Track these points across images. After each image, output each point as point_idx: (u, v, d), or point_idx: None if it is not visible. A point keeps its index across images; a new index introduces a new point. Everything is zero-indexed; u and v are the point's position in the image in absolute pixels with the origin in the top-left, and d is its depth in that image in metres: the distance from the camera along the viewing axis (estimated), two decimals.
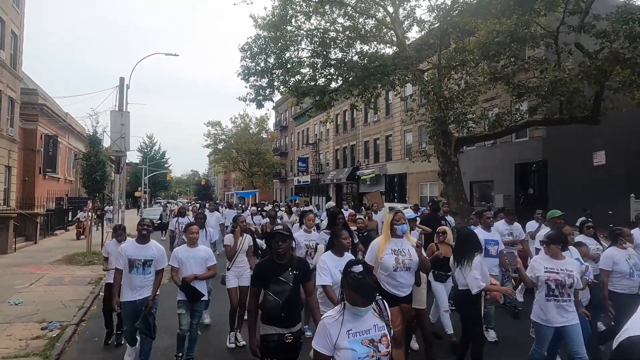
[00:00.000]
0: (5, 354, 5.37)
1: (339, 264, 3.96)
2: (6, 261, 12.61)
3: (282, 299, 3.30)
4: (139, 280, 4.81)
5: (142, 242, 4.94)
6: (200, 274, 5.07)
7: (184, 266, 5.02)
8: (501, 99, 17.32)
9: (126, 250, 4.90)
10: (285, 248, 3.44)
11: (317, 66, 16.02)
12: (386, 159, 28.63)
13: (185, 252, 5.08)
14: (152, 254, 4.91)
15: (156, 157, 64.59)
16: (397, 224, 4.21)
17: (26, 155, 22.59)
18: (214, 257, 5.29)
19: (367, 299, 2.35)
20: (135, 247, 4.92)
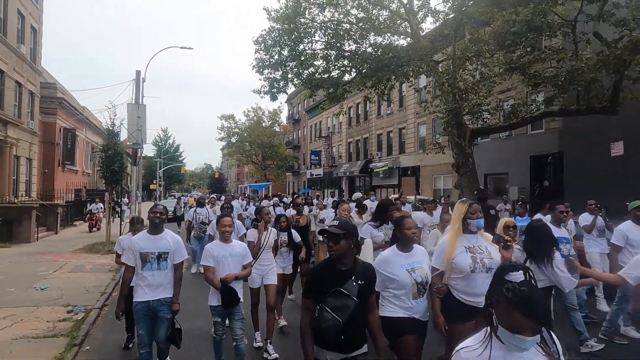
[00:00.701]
0: (34, 334, 5.62)
1: (406, 263, 3.35)
2: (30, 249, 13.02)
3: (343, 318, 2.59)
4: (153, 278, 4.05)
5: (155, 232, 4.15)
6: (240, 273, 4.41)
7: (221, 266, 4.30)
8: (517, 90, 17.13)
9: (136, 243, 4.12)
10: (338, 250, 2.69)
11: (330, 58, 16.04)
12: (399, 152, 28.55)
13: (220, 249, 4.35)
14: (166, 246, 4.11)
15: (170, 151, 65.38)
16: (471, 218, 3.50)
17: (46, 148, 23.14)
18: (250, 254, 4.65)
19: (540, 322, 1.68)
20: (147, 238, 4.13)
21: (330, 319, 2.58)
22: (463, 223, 3.52)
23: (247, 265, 4.51)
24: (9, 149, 17.31)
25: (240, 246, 4.56)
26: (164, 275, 4.09)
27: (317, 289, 2.70)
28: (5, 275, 9.11)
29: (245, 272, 4.49)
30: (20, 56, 18.71)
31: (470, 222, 3.50)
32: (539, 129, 17.99)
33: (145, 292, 4.04)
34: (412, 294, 3.33)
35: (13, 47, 17.89)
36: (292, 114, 51.05)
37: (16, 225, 14.29)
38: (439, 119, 15.54)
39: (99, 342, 5.61)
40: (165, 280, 4.10)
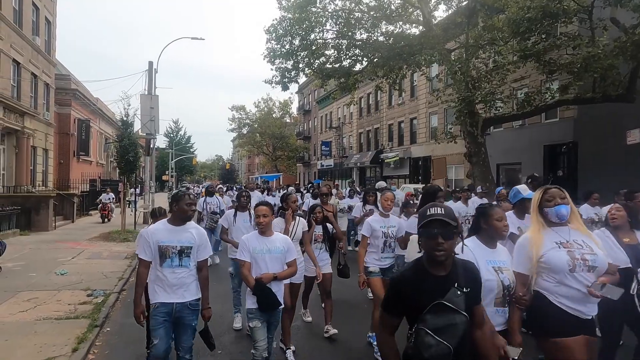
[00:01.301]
0: (57, 315, 5.81)
1: (491, 260, 2.66)
2: (48, 237, 13.34)
3: (453, 342, 1.92)
4: (174, 276, 3.42)
5: (179, 222, 3.51)
6: (280, 272, 3.72)
7: (257, 263, 3.67)
8: (530, 78, 16.90)
9: (154, 234, 3.47)
10: (449, 249, 2.03)
11: (341, 47, 15.99)
12: (410, 142, 28.42)
13: (258, 243, 3.70)
14: (190, 240, 3.48)
15: (182, 142, 65.90)
16: (548, 206, 2.77)
17: (61, 138, 23.53)
18: (294, 249, 3.96)
19: None
20: (168, 230, 3.48)
21: (434, 345, 1.91)
22: (541, 213, 2.83)
23: (291, 263, 3.79)
24: (26, 139, 17.65)
25: (283, 241, 3.81)
26: (187, 274, 3.47)
27: (407, 303, 2.05)
28: (26, 261, 9.38)
29: (288, 271, 3.76)
30: (35, 48, 18.97)
31: (547, 212, 2.78)
32: (553, 118, 17.75)
33: (167, 292, 3.41)
34: (495, 300, 2.63)
35: (28, 39, 18.15)
36: (303, 105, 51.02)
37: (34, 214, 14.63)
38: (451, 108, 15.44)
39: (119, 325, 5.78)
40: (188, 279, 3.47)
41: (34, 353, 4.53)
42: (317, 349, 4.98)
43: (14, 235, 12.73)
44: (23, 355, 4.44)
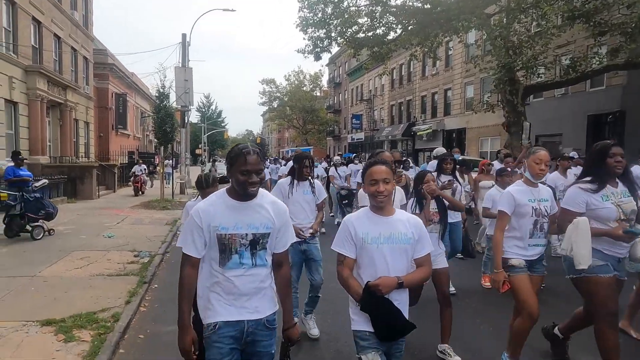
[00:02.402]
0: (108, 272, 6.17)
1: None
2: (93, 205, 14.03)
3: None
4: (245, 280, 2.17)
5: (245, 198, 2.17)
6: (409, 275, 2.31)
7: (369, 257, 2.29)
8: (576, 44, 15.98)
9: (209, 214, 2.15)
10: None
11: (375, 15, 15.53)
12: (444, 114, 27.73)
13: (371, 226, 2.31)
14: (266, 221, 2.20)
15: (213, 117, 66.81)
16: None
17: (100, 112, 24.33)
18: (427, 236, 2.41)
19: None
20: (231, 208, 2.17)
21: None
22: None
23: (424, 260, 2.34)
24: (68, 112, 18.36)
25: (412, 223, 2.34)
26: (264, 276, 2.20)
27: None
28: (76, 225, 9.93)
29: (420, 273, 2.33)
30: (74, 22, 19.45)
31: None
32: (599, 86, 16.82)
33: (234, 305, 2.15)
34: None
35: (67, 13, 18.60)
36: (333, 78, 50.40)
37: (79, 183, 15.35)
38: (490, 75, 14.86)
39: (165, 282, 6.07)
40: (264, 283, 2.21)
41: (91, 303, 4.86)
42: None
43: (62, 203, 13.43)
44: (82, 305, 4.77)
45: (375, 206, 2.32)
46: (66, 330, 4.06)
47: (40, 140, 15.68)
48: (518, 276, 3.28)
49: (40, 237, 8.22)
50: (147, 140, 36.46)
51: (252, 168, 2.07)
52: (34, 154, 15.09)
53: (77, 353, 3.68)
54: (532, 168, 3.35)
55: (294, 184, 4.26)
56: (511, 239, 3.37)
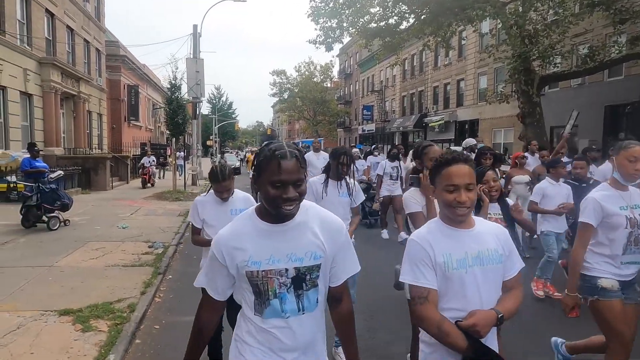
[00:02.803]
0: (123, 263, 6.24)
1: None
2: (107, 196, 14.20)
3: None
4: (292, 331, 1.56)
5: (280, 219, 1.54)
6: (504, 304, 1.73)
7: (457, 286, 1.69)
8: (593, 33, 15.58)
9: (231, 247, 1.55)
10: None
11: (387, 4, 15.32)
12: (457, 105, 27.38)
13: (453, 245, 1.71)
14: (314, 248, 1.56)
15: (224, 108, 66.93)
16: None
17: (112, 104, 24.54)
18: (516, 250, 1.86)
19: None
20: (262, 235, 1.55)
21: None
22: None
23: (515, 282, 1.83)
24: (82, 104, 18.53)
25: (499, 235, 1.82)
26: (315, 320, 1.62)
27: None
28: (91, 216, 10.06)
29: (516, 299, 1.80)
30: (86, 14, 19.55)
31: None
32: (617, 76, 16.41)
33: None
34: None
35: (80, 5, 18.69)
36: (344, 69, 50.05)
37: (93, 174, 15.53)
38: (504, 65, 14.59)
39: (179, 273, 6.13)
40: (316, 329, 1.64)
41: (107, 294, 4.91)
42: None
43: (77, 194, 13.61)
44: (98, 295, 4.83)
45: (452, 219, 1.72)
46: (83, 320, 4.12)
47: (55, 131, 15.86)
48: (611, 302, 2.58)
49: (56, 227, 8.34)
50: (159, 131, 36.72)
51: (289, 178, 1.42)
52: (48, 146, 15.28)
53: (95, 343, 3.73)
54: (624, 167, 2.63)
55: (328, 183, 3.68)
56: (598, 255, 2.70)
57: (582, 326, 3.40)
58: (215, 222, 3.14)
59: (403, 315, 3.22)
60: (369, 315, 4.42)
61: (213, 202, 3.24)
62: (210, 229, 3.20)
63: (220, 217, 3.11)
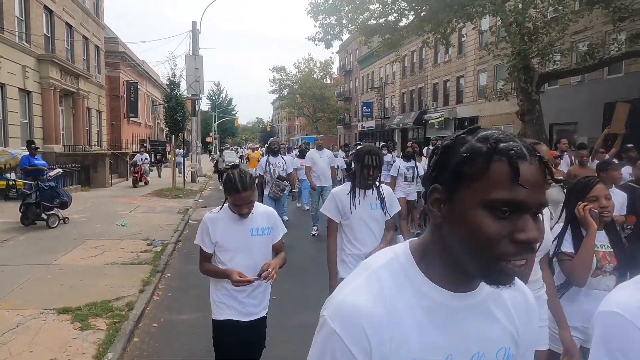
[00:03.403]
0: (122, 261, 6.27)
1: None
2: (106, 193, 14.21)
3: None
4: None
5: (465, 287, 0.81)
6: None
7: None
8: (593, 30, 15.53)
9: (383, 317, 0.76)
10: None
11: (387, 1, 15.28)
12: (457, 102, 27.36)
13: None
14: (505, 338, 0.85)
15: (223, 104, 66.83)
16: None
17: (112, 100, 24.50)
18: None
19: None
20: (433, 314, 0.78)
21: None
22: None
23: None
24: (81, 101, 18.51)
25: None
26: None
27: None
28: (90, 214, 10.08)
29: None
30: (85, 11, 19.49)
31: None
32: (616, 73, 16.40)
33: None
34: None
35: (78, 1, 18.63)
36: (344, 65, 49.96)
37: (93, 171, 15.54)
38: (504, 63, 14.57)
39: (178, 271, 6.16)
40: None
41: (106, 292, 4.94)
42: None
43: (76, 191, 13.62)
44: (96, 293, 4.85)
45: None
46: (82, 319, 4.15)
47: (54, 128, 15.86)
48: None
49: (55, 225, 8.36)
50: (159, 128, 36.69)
51: (532, 200, 0.72)
52: (47, 143, 15.28)
53: (93, 341, 3.75)
54: None
55: (356, 193, 2.88)
56: None
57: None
58: (232, 244, 2.47)
59: None
60: None
61: (228, 220, 2.48)
62: (225, 254, 2.48)
63: (238, 239, 2.46)
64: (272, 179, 7.41)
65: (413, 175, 7.50)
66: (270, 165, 7.52)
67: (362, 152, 2.86)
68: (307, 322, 3.33)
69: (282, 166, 7.59)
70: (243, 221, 2.47)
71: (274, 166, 7.52)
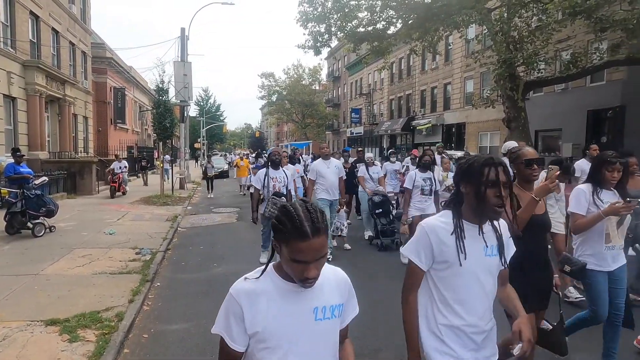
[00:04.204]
0: (110, 270, 6.18)
1: None
2: (93, 200, 14.02)
3: None
4: None
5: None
6: None
7: None
8: (576, 39, 15.94)
9: None
10: None
11: (375, 9, 15.45)
12: (444, 108, 27.70)
13: None
14: None
15: (212, 110, 66.53)
16: None
17: (99, 106, 24.24)
18: None
19: None
20: None
21: None
22: None
23: None
24: (67, 107, 18.28)
25: None
26: None
27: None
28: (77, 222, 9.93)
29: None
30: (72, 16, 19.31)
31: None
32: (599, 81, 16.81)
33: None
34: None
35: (65, 7, 18.46)
36: (332, 71, 50.23)
37: (79, 178, 15.33)
38: (490, 71, 14.84)
39: (168, 280, 6.10)
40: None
41: (94, 302, 4.87)
42: None
43: (62, 198, 13.41)
44: (85, 304, 4.78)
45: None
46: (71, 330, 4.08)
47: (40, 135, 15.62)
48: None
49: (41, 234, 8.23)
50: (146, 134, 36.38)
51: None
52: (33, 150, 15.04)
53: (82, 353, 3.70)
54: None
55: (463, 231, 1.83)
56: None
57: None
58: (286, 336, 1.40)
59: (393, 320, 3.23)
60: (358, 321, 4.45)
61: (276, 293, 1.41)
62: (270, 354, 1.40)
63: (296, 325, 1.41)
64: (268, 195, 6.40)
65: (430, 188, 6.38)
66: (270, 180, 6.45)
67: (477, 164, 1.81)
68: None
69: (284, 181, 6.56)
70: (303, 292, 1.41)
71: (275, 180, 6.48)
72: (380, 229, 7.63)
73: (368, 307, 4.26)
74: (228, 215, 12.00)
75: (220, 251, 7.78)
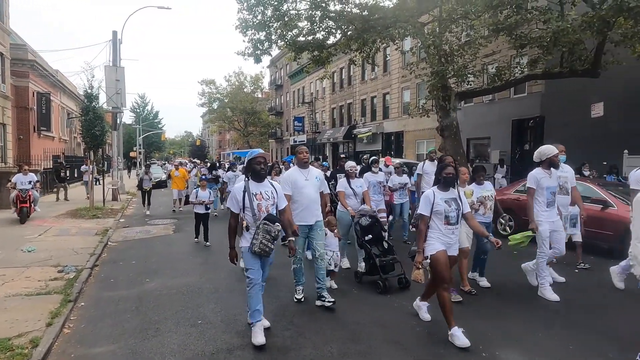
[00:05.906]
0: (27, 292, 5.63)
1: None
2: (12, 215, 12.75)
3: None
4: None
5: None
6: None
7: None
8: (501, 53, 17.17)
9: None
10: None
11: (315, 19, 15.64)
12: (383, 117, 28.58)
13: None
14: None
15: (149, 117, 63.80)
16: None
17: (19, 113, 22.26)
18: None
19: None
20: None
21: None
22: None
23: None
24: None
25: None
26: None
27: None
28: None
29: None
30: None
31: None
32: (521, 93, 18.22)
33: None
34: None
35: None
36: (275, 80, 50.16)
37: None
38: (424, 82, 15.54)
39: (94, 299, 5.66)
40: None
41: (5, 329, 4.39)
42: None
43: None
44: None
45: None
46: None
47: None
48: None
49: None
50: (75, 143, 33.98)
51: None
52: None
53: None
54: None
55: None
56: None
57: None
58: None
59: None
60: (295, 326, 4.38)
61: None
62: None
63: None
64: (256, 221, 4.11)
65: (458, 213, 4.30)
66: (252, 197, 4.16)
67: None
68: None
69: (272, 198, 4.27)
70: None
71: (259, 198, 4.18)
72: (380, 264, 5.70)
73: None
74: (164, 227, 11.46)
75: (154, 265, 7.37)
